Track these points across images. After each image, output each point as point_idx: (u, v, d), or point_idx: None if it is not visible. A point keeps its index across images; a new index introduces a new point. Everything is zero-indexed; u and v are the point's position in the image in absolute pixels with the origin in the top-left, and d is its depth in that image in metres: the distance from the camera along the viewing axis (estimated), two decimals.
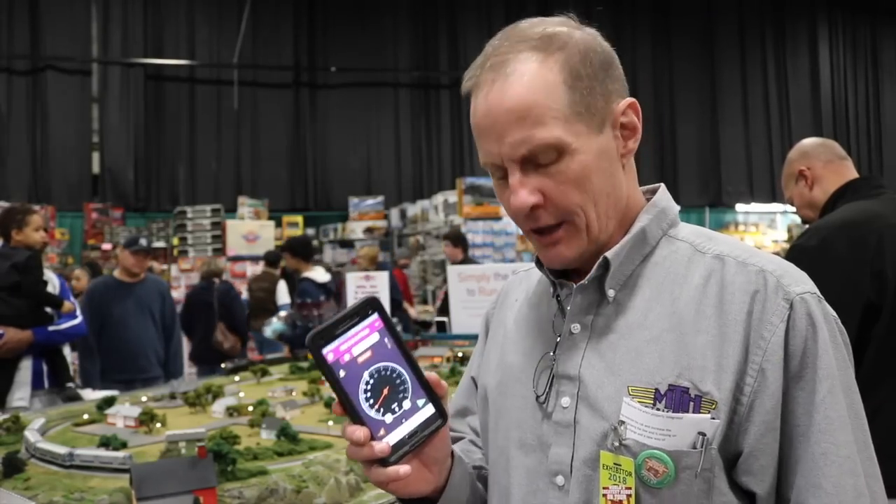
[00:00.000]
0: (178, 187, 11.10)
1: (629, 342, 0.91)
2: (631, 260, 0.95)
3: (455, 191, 9.03)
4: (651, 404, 0.86)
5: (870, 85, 14.69)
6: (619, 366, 0.90)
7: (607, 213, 0.94)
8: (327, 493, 1.70)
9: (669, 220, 0.99)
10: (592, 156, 0.91)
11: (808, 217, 2.57)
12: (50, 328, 3.77)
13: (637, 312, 0.92)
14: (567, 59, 0.90)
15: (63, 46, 10.53)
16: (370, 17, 12.07)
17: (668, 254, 0.96)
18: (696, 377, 0.85)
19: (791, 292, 0.87)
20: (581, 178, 0.91)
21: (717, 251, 0.93)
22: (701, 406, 0.85)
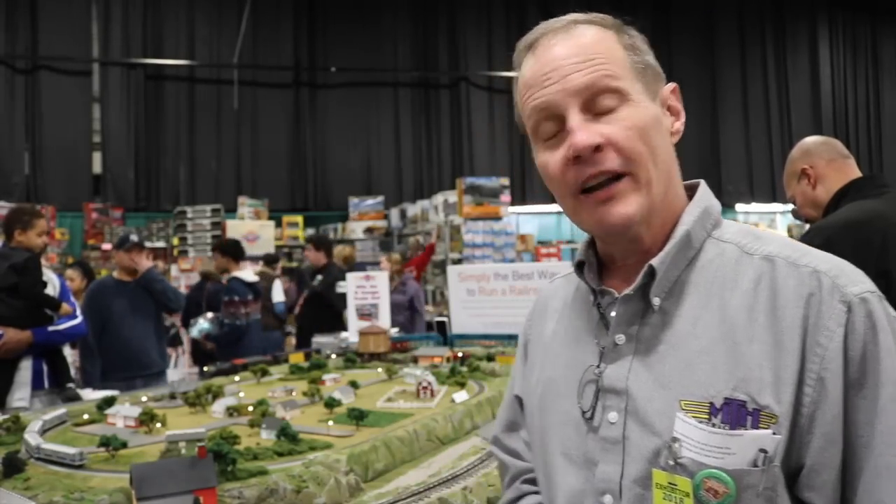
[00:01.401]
0: (178, 187, 11.10)
1: (679, 353, 0.87)
2: (676, 265, 0.90)
3: (455, 191, 9.02)
4: (707, 419, 0.81)
5: (870, 84, 14.69)
6: (669, 378, 0.86)
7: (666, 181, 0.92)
8: (327, 493, 1.70)
9: (713, 220, 0.95)
10: (650, 115, 0.91)
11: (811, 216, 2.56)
12: (49, 328, 3.77)
13: (685, 321, 0.88)
14: (622, 33, 0.94)
15: (63, 46, 10.53)
16: (370, 17, 12.07)
17: (714, 257, 0.91)
18: (754, 389, 0.80)
19: (848, 293, 0.81)
20: (644, 129, 0.90)
21: (766, 251, 0.88)
22: (760, 420, 0.80)
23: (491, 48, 12.47)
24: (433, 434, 2.24)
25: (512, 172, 11.96)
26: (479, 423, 2.48)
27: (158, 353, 4.86)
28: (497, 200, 8.91)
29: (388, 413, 2.50)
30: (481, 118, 12.45)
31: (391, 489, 1.78)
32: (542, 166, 0.95)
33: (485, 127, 12.48)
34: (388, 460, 2.00)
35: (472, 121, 12.37)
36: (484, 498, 1.74)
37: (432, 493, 1.72)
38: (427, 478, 1.84)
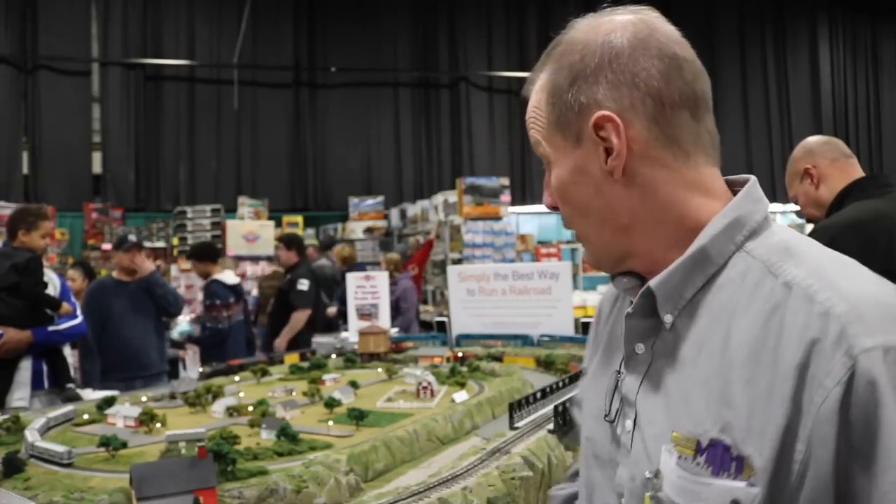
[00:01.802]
0: (178, 187, 11.11)
1: (681, 379, 0.82)
2: (692, 282, 0.84)
3: (455, 191, 9.03)
4: (692, 456, 0.77)
5: (870, 84, 14.69)
6: (670, 403, 0.83)
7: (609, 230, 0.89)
8: (327, 493, 1.70)
9: (748, 231, 0.84)
10: (567, 170, 0.89)
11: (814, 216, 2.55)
12: (49, 328, 3.77)
13: (691, 346, 0.82)
14: (558, 69, 0.90)
15: (63, 46, 10.53)
16: (370, 17, 12.07)
17: (737, 275, 0.82)
18: (739, 436, 0.74)
19: (856, 347, 0.69)
20: (560, 192, 0.91)
21: (791, 276, 0.77)
22: (743, 469, 0.74)
23: (491, 48, 12.48)
24: (433, 434, 2.24)
25: (512, 172, 11.96)
26: (479, 423, 2.48)
27: (158, 353, 4.86)
28: (497, 200, 8.91)
29: (388, 413, 2.50)
30: (481, 118, 12.45)
31: (391, 489, 1.78)
32: None
33: (485, 127, 12.48)
34: (388, 460, 2.00)
35: (471, 121, 12.37)
36: (484, 498, 1.74)
37: (432, 493, 1.72)
38: (427, 478, 1.84)
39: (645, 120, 0.85)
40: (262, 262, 9.70)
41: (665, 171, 0.86)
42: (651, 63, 0.85)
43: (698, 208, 0.86)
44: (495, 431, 2.27)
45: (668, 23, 0.91)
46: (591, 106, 0.86)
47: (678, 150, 0.86)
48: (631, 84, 0.85)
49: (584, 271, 10.63)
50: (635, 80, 0.85)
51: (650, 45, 0.86)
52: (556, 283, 4.12)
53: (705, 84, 0.89)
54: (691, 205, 0.86)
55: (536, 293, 4.16)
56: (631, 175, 0.86)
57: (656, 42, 0.86)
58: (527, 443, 2.10)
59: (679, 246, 0.86)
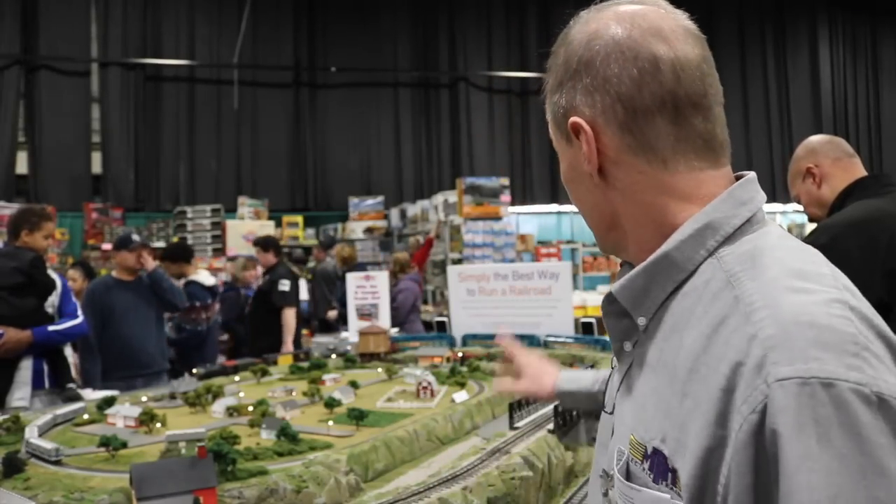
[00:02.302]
0: (178, 187, 11.10)
1: (644, 383, 0.83)
2: (661, 287, 0.83)
3: (455, 191, 9.03)
4: (640, 461, 0.78)
5: (870, 84, 14.69)
6: (634, 406, 0.84)
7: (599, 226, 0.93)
8: (327, 493, 1.70)
9: (721, 236, 0.81)
10: (566, 166, 0.94)
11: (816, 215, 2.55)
12: (50, 328, 3.77)
13: (654, 351, 0.83)
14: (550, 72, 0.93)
15: (63, 46, 10.53)
16: (370, 17, 12.07)
17: (701, 283, 0.80)
18: (672, 448, 0.74)
19: (772, 374, 0.65)
20: (565, 183, 0.96)
21: (741, 290, 0.74)
22: (676, 481, 0.73)
23: (491, 48, 12.47)
24: (433, 434, 2.24)
25: (512, 172, 11.96)
26: (479, 423, 2.48)
27: (159, 352, 4.87)
28: (497, 200, 8.91)
29: (388, 413, 2.50)
30: (481, 118, 12.45)
31: (391, 489, 1.78)
32: None
33: (484, 127, 12.47)
34: (388, 460, 2.00)
35: (471, 121, 12.37)
36: (484, 498, 1.74)
37: (432, 493, 1.72)
38: (427, 478, 1.84)
39: (616, 127, 0.84)
40: None
41: (641, 177, 0.85)
42: (623, 68, 0.83)
43: (675, 214, 0.84)
44: (495, 431, 2.27)
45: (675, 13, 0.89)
46: (570, 110, 0.88)
47: (653, 157, 0.83)
48: (603, 90, 0.84)
49: (584, 271, 10.64)
50: (606, 85, 0.84)
51: (628, 47, 0.83)
52: (556, 283, 4.12)
53: (695, 84, 0.83)
54: (668, 211, 0.84)
55: (536, 293, 4.16)
56: (610, 179, 0.87)
57: (635, 43, 0.83)
58: (527, 443, 2.10)
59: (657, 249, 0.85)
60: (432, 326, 5.79)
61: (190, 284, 5.53)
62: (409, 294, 6.76)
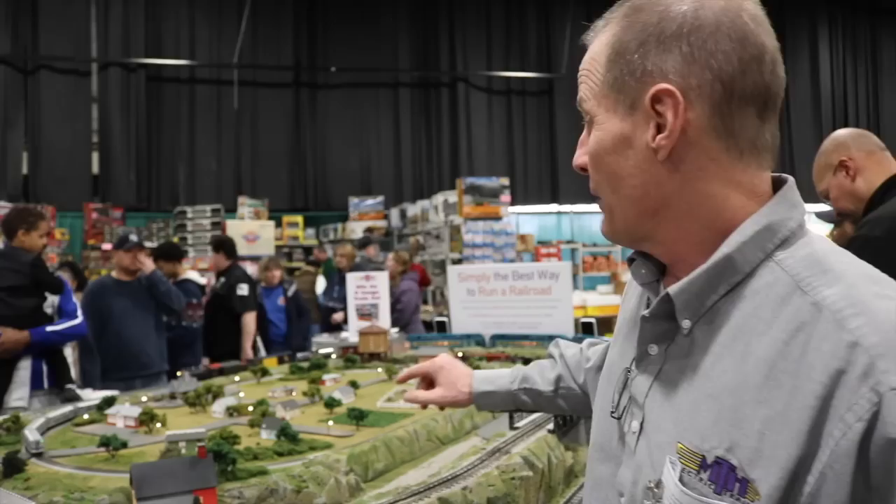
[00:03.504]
0: (178, 187, 11.10)
1: (691, 389, 0.79)
2: (713, 288, 0.79)
3: (455, 191, 9.03)
4: (696, 471, 0.74)
5: (870, 84, 14.69)
6: (678, 413, 0.79)
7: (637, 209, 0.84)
8: (327, 493, 1.70)
9: (779, 239, 0.79)
10: (610, 136, 0.83)
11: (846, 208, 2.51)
12: (48, 328, 3.76)
13: (706, 356, 0.78)
14: (624, 29, 0.83)
15: (63, 46, 10.53)
16: (370, 17, 12.07)
17: (763, 287, 0.77)
18: (745, 457, 0.71)
19: (883, 383, 0.65)
20: (596, 157, 0.85)
21: (821, 296, 0.72)
22: (746, 492, 0.70)
23: (490, 48, 12.47)
24: (433, 434, 2.24)
25: (512, 172, 11.97)
26: (479, 423, 2.48)
27: (158, 352, 4.87)
28: (497, 200, 8.91)
29: (388, 413, 2.50)
30: (481, 118, 12.45)
31: (391, 489, 1.78)
32: None
33: (484, 127, 12.48)
34: (388, 460, 2.00)
35: (471, 121, 12.37)
36: (484, 498, 1.74)
37: (432, 493, 1.72)
38: (427, 478, 1.84)
39: (708, 106, 0.79)
40: None
41: (712, 165, 0.80)
42: (732, 47, 0.78)
43: (735, 209, 0.81)
44: (495, 431, 2.27)
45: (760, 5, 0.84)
46: (654, 75, 0.79)
47: (732, 146, 0.80)
48: (704, 63, 0.78)
49: (584, 271, 10.64)
50: (710, 60, 0.78)
51: (737, 27, 0.79)
52: (556, 283, 4.12)
53: (781, 85, 0.83)
54: (728, 204, 0.81)
55: (536, 293, 4.16)
56: (676, 159, 0.80)
57: (744, 25, 0.79)
58: (527, 443, 2.10)
59: (703, 244, 0.81)
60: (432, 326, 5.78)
61: (186, 282, 5.55)
62: (412, 295, 6.76)
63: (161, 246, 6.01)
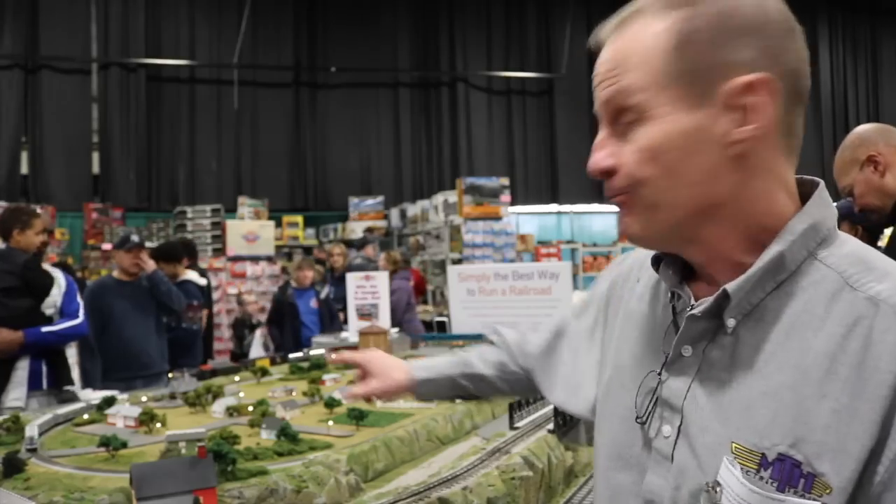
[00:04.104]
0: (178, 187, 11.11)
1: (742, 388, 0.78)
2: (761, 287, 0.79)
3: (455, 191, 9.03)
4: (755, 470, 0.74)
5: (870, 84, 14.69)
6: (727, 413, 0.78)
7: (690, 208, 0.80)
8: (327, 493, 1.70)
9: (821, 237, 0.80)
10: (676, 129, 0.78)
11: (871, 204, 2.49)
12: (43, 329, 3.73)
13: (757, 354, 0.78)
14: (689, 19, 0.78)
15: (63, 46, 10.53)
16: (370, 17, 12.07)
17: (810, 284, 0.77)
18: (812, 452, 0.71)
19: None
20: (657, 149, 0.79)
21: (875, 290, 0.74)
22: (813, 487, 0.70)
23: (490, 48, 12.48)
24: (433, 434, 2.24)
25: (512, 172, 11.97)
26: (479, 423, 2.48)
27: (159, 353, 4.86)
28: (497, 200, 8.91)
29: (388, 413, 2.50)
30: (481, 118, 12.45)
31: (391, 489, 1.78)
32: None
33: (484, 127, 12.48)
34: (388, 460, 2.00)
35: (471, 121, 12.37)
36: (484, 498, 1.74)
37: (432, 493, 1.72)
38: (427, 478, 1.84)
39: (784, 100, 0.78)
40: (263, 262, 9.70)
41: (774, 162, 0.80)
42: (796, 46, 0.79)
43: (783, 207, 0.80)
44: (495, 431, 2.27)
45: None
46: (737, 66, 0.76)
47: (789, 144, 0.81)
48: (778, 58, 0.77)
49: (584, 271, 10.64)
50: (782, 56, 0.77)
51: (795, 26, 0.79)
52: (556, 283, 4.12)
53: None
54: (778, 202, 0.80)
55: (536, 293, 4.16)
56: (746, 155, 0.78)
57: (796, 25, 0.79)
58: (527, 443, 2.10)
59: (747, 242, 0.81)
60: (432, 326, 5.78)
61: (187, 283, 5.53)
62: (402, 294, 6.73)
63: (160, 246, 5.97)
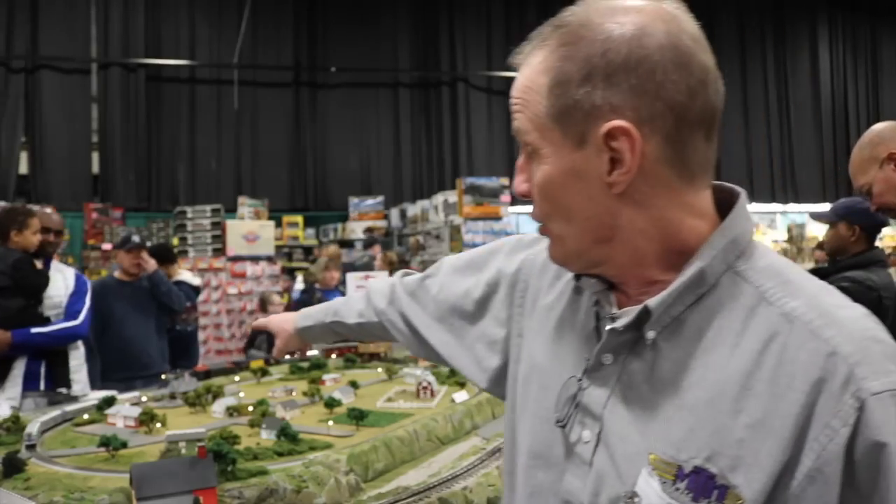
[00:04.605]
0: (178, 187, 11.10)
1: (660, 400, 0.79)
2: (681, 301, 0.80)
3: (455, 191, 9.03)
4: (672, 481, 0.75)
5: (870, 84, 14.69)
6: (646, 424, 0.79)
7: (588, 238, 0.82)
8: (327, 493, 1.70)
9: (739, 251, 0.81)
10: (558, 170, 0.81)
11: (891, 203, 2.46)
12: (33, 330, 3.70)
13: (674, 367, 0.79)
14: (566, 58, 0.79)
15: (63, 46, 10.53)
16: (370, 17, 12.07)
17: (728, 298, 0.79)
18: (726, 465, 0.73)
19: (864, 389, 0.69)
20: (544, 190, 0.83)
21: (790, 307, 0.75)
22: (726, 498, 0.73)
23: (490, 49, 12.47)
24: (433, 434, 2.24)
25: (512, 172, 11.93)
26: (479, 423, 2.48)
27: (159, 353, 4.87)
28: (497, 200, 8.91)
29: (388, 413, 2.50)
30: (481, 118, 12.45)
31: (391, 489, 1.78)
32: None
33: (484, 127, 12.48)
34: (388, 460, 2.00)
35: (471, 121, 12.37)
36: (484, 498, 1.74)
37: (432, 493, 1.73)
38: (427, 478, 1.84)
39: (661, 137, 0.78)
40: (263, 262, 9.70)
41: (666, 191, 0.80)
42: (681, 75, 0.77)
43: (689, 231, 0.81)
44: (495, 431, 2.27)
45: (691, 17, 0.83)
46: (605, 110, 0.77)
47: (684, 172, 0.80)
48: (655, 95, 0.76)
49: None
50: (661, 91, 0.76)
51: (682, 51, 0.78)
52: None
53: (722, 101, 0.82)
54: (683, 227, 0.81)
55: None
56: (631, 190, 0.79)
57: (687, 49, 0.78)
58: None
59: (660, 262, 0.82)
60: None
61: (181, 284, 5.51)
62: None
63: (153, 247, 5.92)
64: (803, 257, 11.21)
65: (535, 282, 1.05)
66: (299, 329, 1.51)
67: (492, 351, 1.10)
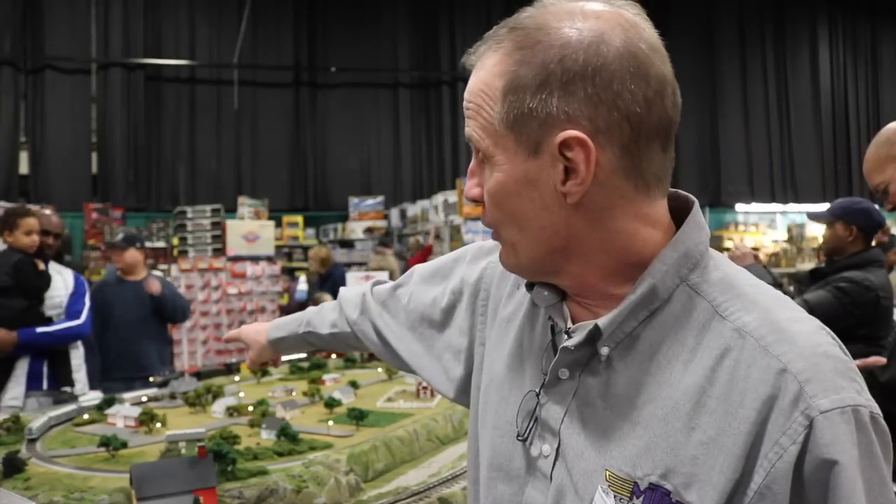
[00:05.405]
0: (178, 187, 11.11)
1: (615, 417, 0.78)
2: (634, 317, 0.79)
3: (455, 191, 9.03)
4: (628, 497, 0.75)
5: (870, 84, 14.68)
6: (602, 440, 0.79)
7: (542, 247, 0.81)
8: (327, 493, 1.70)
9: (692, 263, 0.80)
10: (511, 178, 0.79)
11: None
12: (38, 330, 3.71)
13: (628, 384, 0.78)
14: (521, 63, 0.77)
15: (63, 46, 10.53)
16: (370, 17, 12.08)
17: (681, 313, 0.78)
18: (680, 482, 0.73)
19: (813, 407, 0.69)
20: (496, 197, 0.82)
21: (742, 322, 0.75)
22: None
23: None
24: (433, 434, 2.24)
25: None
26: None
27: (159, 354, 4.86)
28: None
29: (388, 413, 2.50)
30: None
31: (391, 489, 1.79)
32: None
33: None
34: (388, 460, 2.00)
35: None
36: None
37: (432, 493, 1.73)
38: (427, 478, 1.84)
39: (617, 147, 0.76)
40: (263, 262, 9.70)
41: (621, 202, 0.78)
42: (638, 85, 0.75)
43: (644, 241, 0.80)
44: None
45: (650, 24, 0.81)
46: (560, 119, 0.75)
47: (640, 183, 0.78)
48: (611, 104, 0.74)
49: None
50: (617, 101, 0.74)
51: (640, 61, 0.76)
52: None
53: (679, 112, 0.81)
54: (638, 237, 0.80)
55: None
56: (586, 200, 0.77)
57: (645, 58, 0.76)
58: None
59: (614, 275, 0.81)
60: None
61: None
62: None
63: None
64: (803, 257, 11.22)
65: (495, 291, 1.05)
66: (272, 340, 1.47)
67: (457, 360, 1.10)
